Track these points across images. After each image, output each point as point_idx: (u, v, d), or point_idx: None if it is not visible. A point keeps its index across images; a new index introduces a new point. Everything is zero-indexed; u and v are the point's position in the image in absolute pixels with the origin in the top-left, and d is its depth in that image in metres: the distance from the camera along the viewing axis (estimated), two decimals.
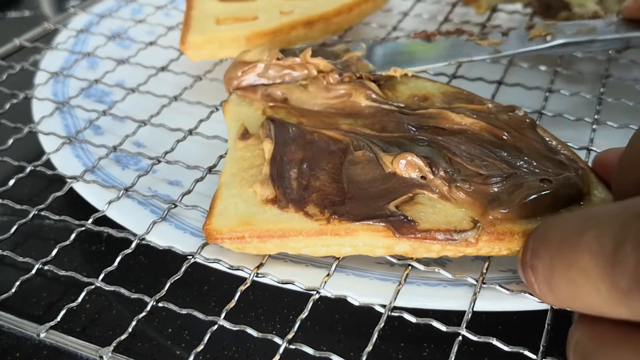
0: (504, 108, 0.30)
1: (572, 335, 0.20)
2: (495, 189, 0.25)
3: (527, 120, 0.29)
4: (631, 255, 0.17)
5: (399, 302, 0.25)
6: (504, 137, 0.28)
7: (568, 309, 0.22)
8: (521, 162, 0.27)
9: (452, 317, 0.25)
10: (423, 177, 0.26)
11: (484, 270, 0.25)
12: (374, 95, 0.32)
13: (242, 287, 0.25)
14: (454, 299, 0.25)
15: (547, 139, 0.29)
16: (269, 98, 0.33)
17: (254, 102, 0.33)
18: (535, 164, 0.27)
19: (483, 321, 0.27)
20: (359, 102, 0.31)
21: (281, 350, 0.22)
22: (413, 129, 0.29)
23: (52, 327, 0.24)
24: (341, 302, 0.24)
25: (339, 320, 0.28)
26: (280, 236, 0.25)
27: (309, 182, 0.26)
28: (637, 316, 0.17)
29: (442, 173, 0.26)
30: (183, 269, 0.26)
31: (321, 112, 0.31)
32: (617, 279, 0.17)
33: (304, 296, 0.25)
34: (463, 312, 0.24)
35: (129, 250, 0.27)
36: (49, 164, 0.32)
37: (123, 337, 0.24)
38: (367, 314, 0.24)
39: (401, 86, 0.33)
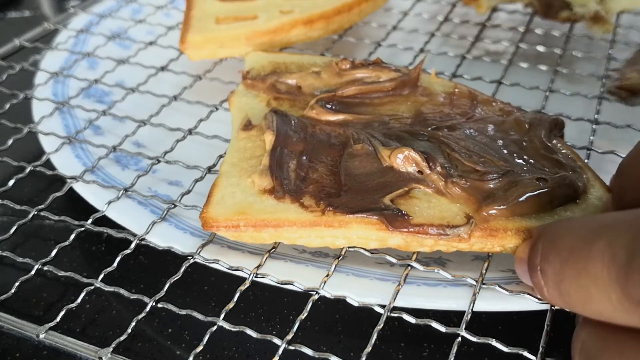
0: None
1: (577, 336, 0.20)
2: (491, 186, 0.25)
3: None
4: None
5: (398, 303, 0.25)
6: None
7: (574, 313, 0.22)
8: (519, 160, 0.27)
9: (452, 317, 0.25)
10: (420, 172, 0.26)
11: (484, 271, 0.25)
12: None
13: (242, 288, 0.25)
14: (454, 299, 0.25)
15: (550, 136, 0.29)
16: (277, 89, 0.33)
17: (260, 93, 0.33)
18: (532, 162, 0.27)
19: (483, 321, 0.27)
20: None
21: (280, 351, 0.22)
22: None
23: (51, 328, 0.24)
24: (341, 302, 0.24)
25: (340, 320, 0.28)
26: (275, 226, 0.25)
27: (307, 174, 0.27)
28: None
29: (439, 168, 0.26)
30: (182, 269, 0.26)
31: None
32: (629, 290, 0.17)
33: (304, 296, 0.25)
34: (463, 312, 0.24)
35: (128, 251, 0.27)
36: (48, 164, 0.32)
37: (122, 337, 0.24)
38: (368, 314, 0.24)
39: None
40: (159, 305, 0.25)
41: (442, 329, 0.23)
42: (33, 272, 0.27)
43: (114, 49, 0.44)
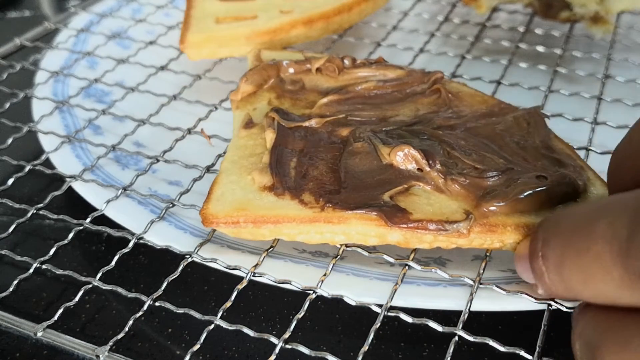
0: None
1: (576, 325, 0.20)
2: (490, 183, 0.25)
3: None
4: None
5: (398, 302, 0.24)
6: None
7: (574, 299, 0.22)
8: (519, 158, 0.27)
9: (452, 317, 0.25)
10: (419, 169, 0.26)
11: (481, 271, 0.25)
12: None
13: (239, 287, 0.25)
14: (452, 299, 0.25)
15: (549, 135, 0.29)
16: (280, 86, 0.33)
17: (263, 91, 0.33)
18: (532, 160, 0.27)
19: (483, 321, 0.27)
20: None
21: (277, 350, 0.22)
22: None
23: (49, 326, 0.24)
24: (341, 302, 0.24)
25: (340, 320, 0.28)
26: (274, 222, 0.25)
27: (307, 171, 0.27)
28: None
29: (438, 166, 0.26)
30: (180, 268, 0.26)
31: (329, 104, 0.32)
32: (630, 264, 0.17)
33: (304, 296, 0.25)
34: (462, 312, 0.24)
35: (126, 250, 0.27)
36: (48, 163, 0.32)
37: (120, 336, 0.23)
38: (368, 314, 0.24)
39: None
40: (157, 304, 0.25)
41: (439, 328, 0.23)
42: (32, 270, 0.27)
43: (114, 48, 0.44)
